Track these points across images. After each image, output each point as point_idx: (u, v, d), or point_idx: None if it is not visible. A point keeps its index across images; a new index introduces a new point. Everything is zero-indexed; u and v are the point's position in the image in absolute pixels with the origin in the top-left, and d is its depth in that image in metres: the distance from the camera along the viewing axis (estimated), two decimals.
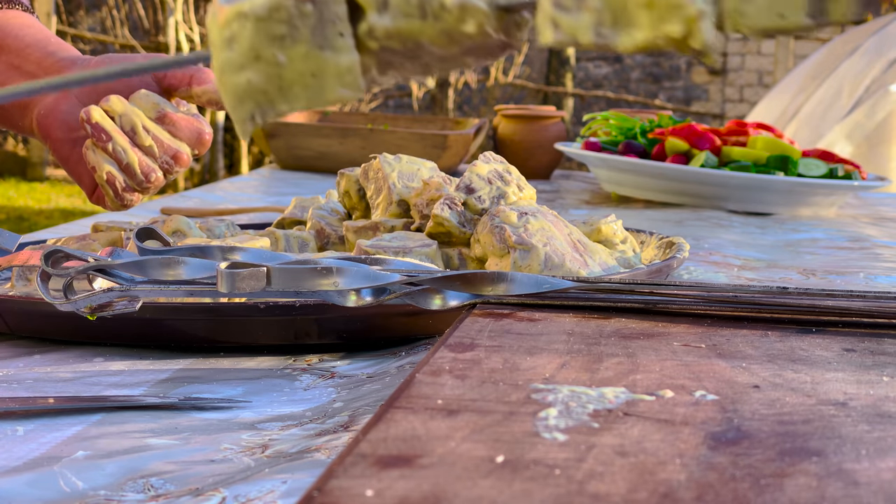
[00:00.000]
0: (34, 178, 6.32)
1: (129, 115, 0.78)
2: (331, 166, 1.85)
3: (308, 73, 0.41)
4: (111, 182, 0.78)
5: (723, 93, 7.65)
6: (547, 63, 6.70)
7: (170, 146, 0.79)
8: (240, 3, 0.41)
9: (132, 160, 0.77)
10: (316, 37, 0.41)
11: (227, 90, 0.42)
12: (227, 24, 0.41)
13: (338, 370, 0.61)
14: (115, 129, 0.77)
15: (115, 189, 0.78)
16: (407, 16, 0.41)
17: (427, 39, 0.41)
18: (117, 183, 0.78)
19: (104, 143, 0.77)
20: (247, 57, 0.41)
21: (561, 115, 1.90)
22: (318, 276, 0.55)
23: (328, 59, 0.41)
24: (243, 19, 0.41)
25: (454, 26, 0.41)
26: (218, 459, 0.46)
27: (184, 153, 0.80)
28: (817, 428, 0.41)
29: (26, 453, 0.47)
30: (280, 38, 0.41)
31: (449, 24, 0.41)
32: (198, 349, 0.65)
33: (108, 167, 0.77)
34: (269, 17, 0.40)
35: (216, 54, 0.42)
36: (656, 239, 0.84)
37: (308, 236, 0.80)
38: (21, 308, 0.64)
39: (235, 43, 0.41)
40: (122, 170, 0.78)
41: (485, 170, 0.75)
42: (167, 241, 0.63)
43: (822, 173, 1.44)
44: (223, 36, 0.41)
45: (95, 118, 0.77)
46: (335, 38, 0.41)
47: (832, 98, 3.07)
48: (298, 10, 0.41)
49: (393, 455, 0.37)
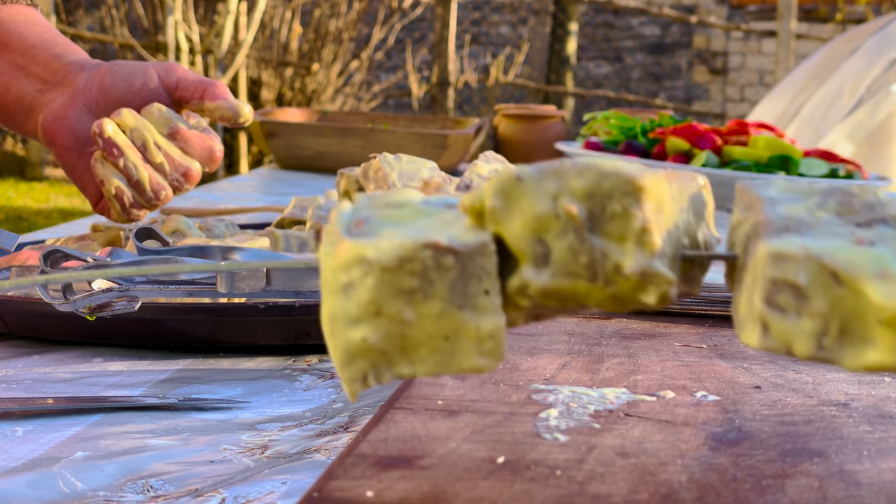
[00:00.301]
0: (33, 177, 6.32)
1: (141, 130, 0.76)
2: (330, 166, 1.84)
3: (440, 336, 0.33)
4: (119, 197, 0.77)
5: (724, 92, 7.65)
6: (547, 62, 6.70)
7: (181, 163, 0.78)
8: (364, 245, 0.33)
9: (142, 177, 0.76)
10: (455, 294, 0.33)
11: (336, 343, 0.34)
12: (347, 268, 0.33)
13: None
14: (127, 145, 0.76)
15: (123, 204, 0.77)
16: (572, 275, 0.33)
17: (593, 302, 0.34)
18: (125, 198, 0.77)
19: (115, 158, 0.76)
20: (366, 311, 0.33)
21: (561, 115, 1.90)
22: (317, 276, 0.54)
23: (467, 320, 0.33)
24: (367, 267, 0.33)
25: (630, 294, 0.34)
26: (217, 460, 0.46)
27: (194, 170, 0.79)
28: (819, 429, 0.41)
29: (25, 454, 0.47)
30: (410, 293, 0.33)
31: (623, 290, 0.34)
32: (197, 349, 0.64)
33: (117, 182, 0.76)
34: (399, 269, 0.33)
35: (327, 297, 0.34)
36: None
37: (307, 236, 0.80)
38: (20, 308, 0.64)
39: (353, 292, 0.33)
40: (131, 185, 0.77)
41: (485, 169, 0.75)
42: (166, 241, 0.63)
43: (824, 173, 1.44)
44: (339, 280, 0.33)
45: (108, 132, 0.75)
46: (478, 296, 0.33)
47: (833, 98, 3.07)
48: (436, 262, 0.33)
49: (393, 456, 0.37)
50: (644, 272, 0.33)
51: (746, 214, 0.35)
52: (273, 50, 5.90)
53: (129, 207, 0.77)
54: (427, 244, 0.33)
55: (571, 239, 0.33)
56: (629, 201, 0.33)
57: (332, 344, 0.34)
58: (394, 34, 6.42)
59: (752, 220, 0.35)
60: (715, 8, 7.65)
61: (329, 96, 5.84)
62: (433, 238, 0.33)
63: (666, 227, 0.34)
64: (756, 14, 7.57)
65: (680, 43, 7.76)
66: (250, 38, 5.27)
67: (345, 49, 5.93)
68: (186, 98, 0.81)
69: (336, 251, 0.33)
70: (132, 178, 0.76)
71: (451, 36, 5.73)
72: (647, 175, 0.34)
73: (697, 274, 0.36)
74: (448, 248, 0.33)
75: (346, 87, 6.10)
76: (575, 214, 0.33)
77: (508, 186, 0.34)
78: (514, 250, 0.34)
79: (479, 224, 0.34)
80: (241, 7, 5.35)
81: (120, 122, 0.76)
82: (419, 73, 6.90)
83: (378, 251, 0.33)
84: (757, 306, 0.32)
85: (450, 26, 5.70)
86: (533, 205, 0.33)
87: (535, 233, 0.34)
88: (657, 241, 0.33)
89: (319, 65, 5.88)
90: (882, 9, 6.81)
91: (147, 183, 0.76)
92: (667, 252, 0.34)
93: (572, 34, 6.72)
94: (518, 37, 7.71)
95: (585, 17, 7.77)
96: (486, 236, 0.34)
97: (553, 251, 0.33)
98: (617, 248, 0.33)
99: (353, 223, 0.34)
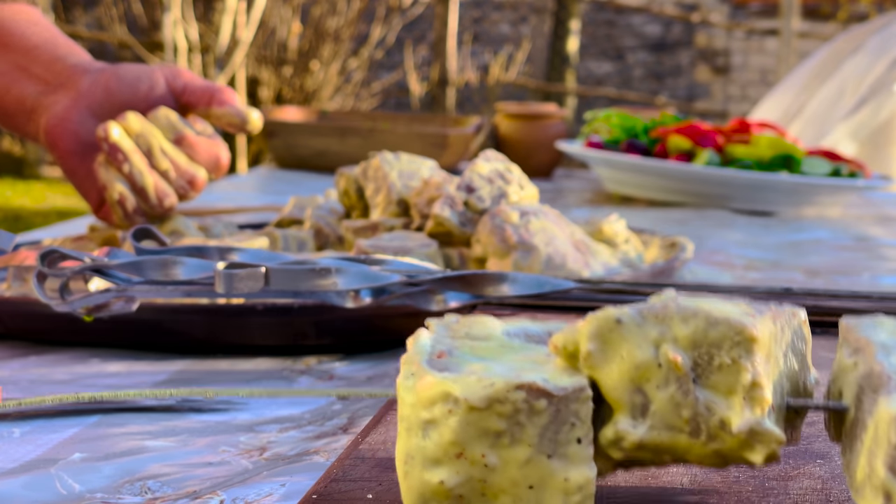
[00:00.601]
0: (30, 177, 6.32)
1: (147, 135, 0.75)
2: (330, 165, 1.84)
3: (524, 484, 0.31)
4: (122, 203, 0.76)
5: (726, 91, 7.65)
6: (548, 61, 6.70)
7: (186, 170, 0.77)
8: (451, 381, 0.31)
9: (147, 183, 0.75)
10: (545, 440, 0.31)
11: (410, 485, 0.32)
12: (430, 405, 0.31)
13: (337, 372, 0.61)
14: (133, 150, 0.75)
15: (126, 210, 0.76)
16: (672, 429, 0.31)
17: (692, 457, 0.32)
18: (128, 204, 0.76)
19: (119, 163, 0.75)
20: (446, 452, 0.31)
21: (562, 114, 1.89)
22: (316, 277, 0.54)
23: (555, 470, 0.31)
24: (452, 405, 0.31)
25: (734, 451, 0.31)
26: (216, 462, 0.46)
27: (200, 177, 0.77)
28: (821, 430, 0.40)
29: (22, 455, 0.46)
30: (496, 436, 0.31)
31: (727, 448, 0.31)
32: (195, 350, 0.64)
33: (121, 188, 0.75)
34: (488, 409, 0.30)
35: (404, 434, 0.32)
36: (659, 239, 0.84)
37: (306, 236, 0.80)
38: (17, 309, 0.64)
39: (435, 431, 0.31)
40: (135, 191, 0.76)
41: (485, 169, 0.74)
42: (164, 242, 0.63)
43: (827, 172, 1.43)
44: (420, 417, 0.31)
45: (113, 137, 0.74)
46: (570, 444, 0.31)
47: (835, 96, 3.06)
48: (528, 405, 0.31)
49: (392, 458, 0.36)
50: (753, 430, 0.31)
51: (855, 359, 0.33)
52: (272, 48, 5.90)
53: (132, 213, 0.76)
54: (520, 385, 0.31)
55: (674, 390, 0.31)
56: (739, 352, 0.31)
57: (406, 486, 0.32)
58: (394, 33, 6.42)
59: (862, 367, 0.32)
60: (717, 6, 7.65)
61: (328, 95, 5.84)
62: (527, 379, 0.31)
63: (773, 377, 0.32)
64: (758, 12, 7.56)
65: (682, 41, 7.76)
66: (249, 37, 5.27)
67: (344, 47, 5.93)
68: (193, 103, 0.79)
69: (418, 385, 0.31)
70: (136, 185, 0.75)
71: (452, 34, 5.73)
72: (757, 321, 0.31)
73: (798, 421, 0.34)
74: (542, 391, 0.31)
75: (346, 85, 6.09)
76: (679, 364, 0.31)
77: (606, 329, 0.32)
78: (610, 398, 0.32)
79: (572, 366, 0.32)
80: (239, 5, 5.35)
81: (125, 127, 0.75)
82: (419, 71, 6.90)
83: (466, 389, 0.31)
84: (880, 474, 0.29)
85: (450, 25, 5.70)
86: (633, 351, 0.31)
87: (634, 382, 0.31)
88: (768, 397, 0.31)
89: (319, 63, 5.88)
90: (884, 7, 6.81)
91: (152, 189, 0.75)
92: (774, 405, 0.32)
93: (573, 32, 6.72)
94: (519, 35, 7.71)
95: (587, 15, 7.77)
96: (582, 380, 0.31)
97: (653, 402, 0.31)
98: (724, 403, 0.31)
99: (435, 354, 0.32)
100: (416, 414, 0.31)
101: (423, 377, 0.31)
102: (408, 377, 0.32)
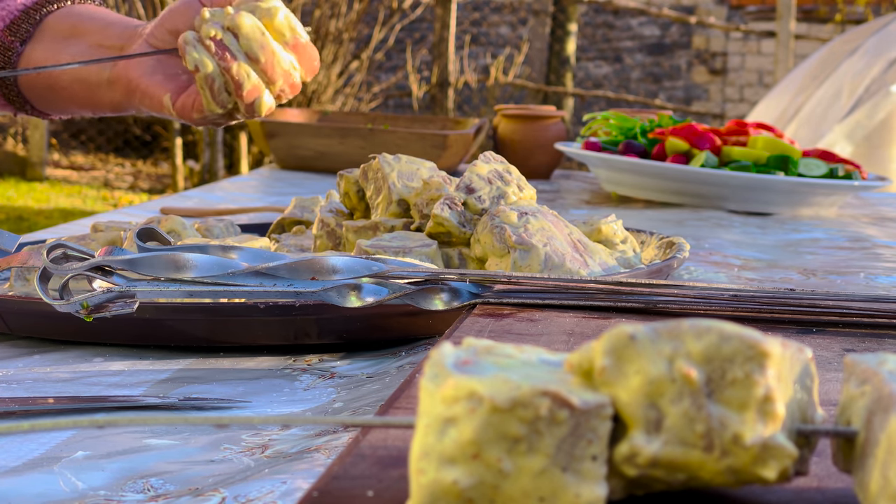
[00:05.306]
0: (34, 178, 6.32)
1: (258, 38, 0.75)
2: (331, 166, 1.85)
3: (535, 495, 0.30)
4: (211, 83, 0.75)
5: (723, 92, 7.65)
6: (547, 63, 6.70)
7: (289, 73, 0.77)
8: (476, 380, 0.31)
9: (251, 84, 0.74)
10: (561, 452, 0.30)
11: (421, 482, 0.31)
12: (452, 402, 0.31)
13: (338, 370, 0.61)
14: (239, 52, 0.74)
15: (212, 90, 0.75)
16: (686, 444, 0.31)
17: (706, 474, 0.32)
18: (216, 85, 0.75)
19: (227, 63, 0.74)
20: (463, 452, 0.30)
21: (561, 115, 1.90)
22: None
23: (567, 484, 0.30)
24: (476, 403, 0.30)
25: (748, 467, 0.31)
26: (217, 459, 0.46)
27: (298, 82, 0.78)
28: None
29: (26, 453, 0.47)
30: (514, 441, 0.30)
31: (741, 463, 0.31)
32: (197, 349, 0.65)
33: (212, 66, 0.74)
34: (511, 411, 0.30)
35: (422, 431, 0.31)
36: (656, 239, 0.84)
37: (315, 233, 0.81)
38: (20, 308, 0.64)
39: (454, 428, 0.30)
40: (238, 96, 0.75)
41: (485, 169, 0.75)
42: (168, 241, 0.63)
43: (823, 173, 1.44)
44: (440, 414, 0.31)
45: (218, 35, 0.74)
46: (585, 460, 0.31)
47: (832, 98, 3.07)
48: (551, 413, 0.30)
49: (393, 455, 0.37)
50: (766, 445, 0.31)
51: (862, 388, 0.33)
52: None
53: (217, 93, 0.75)
54: (546, 392, 0.30)
55: (687, 405, 0.31)
56: (752, 367, 0.31)
57: (417, 483, 0.31)
58: (394, 35, 6.42)
59: (871, 394, 0.32)
60: (714, 8, 7.65)
61: (329, 97, 5.84)
62: (553, 387, 0.31)
63: (786, 398, 0.32)
64: (755, 14, 7.57)
65: (679, 43, 7.76)
66: None
67: (345, 49, 5.93)
68: None
69: (441, 385, 0.31)
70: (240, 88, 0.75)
71: (451, 36, 5.73)
72: (768, 338, 0.31)
73: (806, 453, 0.34)
74: (566, 401, 0.31)
75: (347, 87, 6.10)
76: (693, 378, 0.31)
77: (620, 346, 0.32)
78: (624, 415, 0.31)
79: (588, 384, 0.32)
80: None
81: (232, 27, 0.75)
82: (419, 73, 6.90)
83: (492, 388, 0.30)
84: (894, 484, 0.29)
85: (450, 27, 5.70)
86: (647, 367, 0.31)
87: (649, 397, 0.31)
88: (780, 412, 0.31)
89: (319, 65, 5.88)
90: (881, 9, 6.81)
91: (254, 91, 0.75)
92: (786, 424, 0.32)
93: (572, 35, 6.72)
94: (518, 37, 7.72)
95: (585, 17, 7.77)
96: (605, 398, 0.31)
97: (667, 417, 0.31)
98: (737, 417, 0.31)
99: (461, 361, 0.32)
100: (436, 411, 0.31)
101: (447, 378, 0.31)
102: (433, 378, 0.32)
